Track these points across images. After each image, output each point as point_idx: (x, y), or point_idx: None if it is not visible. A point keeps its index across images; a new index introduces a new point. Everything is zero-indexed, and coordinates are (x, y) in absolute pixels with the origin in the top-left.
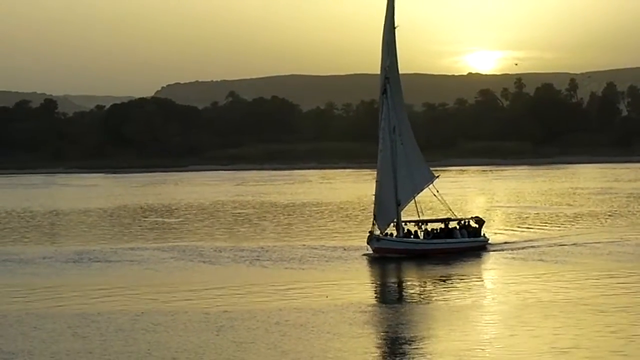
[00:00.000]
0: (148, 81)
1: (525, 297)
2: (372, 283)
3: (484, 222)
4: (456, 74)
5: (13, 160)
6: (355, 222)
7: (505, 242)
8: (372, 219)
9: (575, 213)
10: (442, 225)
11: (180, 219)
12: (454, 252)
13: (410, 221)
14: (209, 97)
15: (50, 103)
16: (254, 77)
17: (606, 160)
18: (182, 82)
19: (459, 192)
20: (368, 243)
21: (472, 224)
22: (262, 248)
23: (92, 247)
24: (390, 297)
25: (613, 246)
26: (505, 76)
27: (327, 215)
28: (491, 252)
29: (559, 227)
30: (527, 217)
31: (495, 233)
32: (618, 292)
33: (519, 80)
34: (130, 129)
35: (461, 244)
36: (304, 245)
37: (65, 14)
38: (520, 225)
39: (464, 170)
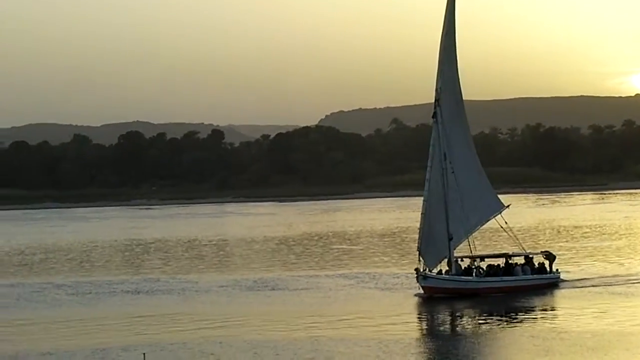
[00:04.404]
0: (312, 110)
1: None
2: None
3: (554, 257)
4: (623, 95)
5: (182, 190)
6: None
7: (584, 279)
8: (417, 255)
9: None
10: (502, 261)
11: (360, 246)
12: (514, 291)
13: (464, 257)
14: (372, 124)
15: (217, 133)
16: (417, 103)
17: None
18: (345, 110)
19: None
20: (417, 281)
21: (540, 259)
22: None
23: (270, 274)
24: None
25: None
26: None
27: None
28: (562, 290)
29: None
30: None
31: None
32: None
33: None
34: (295, 157)
35: (522, 281)
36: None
37: (232, 50)
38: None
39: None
